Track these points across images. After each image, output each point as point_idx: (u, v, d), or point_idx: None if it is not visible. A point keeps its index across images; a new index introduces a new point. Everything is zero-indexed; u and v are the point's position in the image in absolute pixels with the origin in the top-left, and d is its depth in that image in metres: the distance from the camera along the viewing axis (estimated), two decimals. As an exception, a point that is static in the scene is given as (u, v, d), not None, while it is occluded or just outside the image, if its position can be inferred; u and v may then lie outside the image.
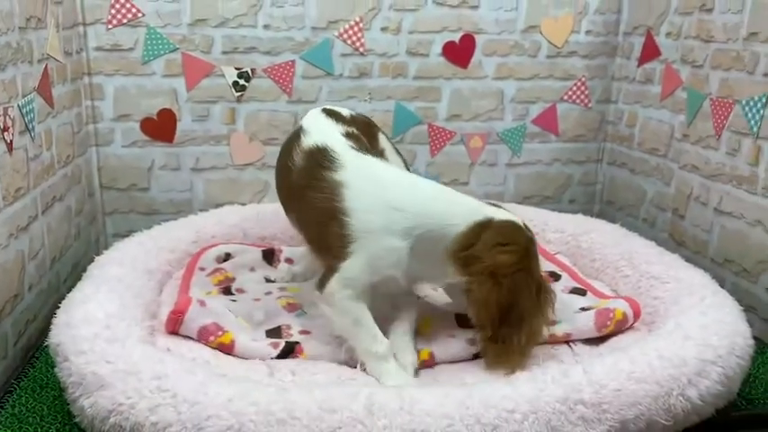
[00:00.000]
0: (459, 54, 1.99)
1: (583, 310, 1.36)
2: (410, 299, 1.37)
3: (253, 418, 0.94)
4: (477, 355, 1.26)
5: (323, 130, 1.39)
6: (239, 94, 1.91)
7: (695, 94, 1.72)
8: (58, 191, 1.60)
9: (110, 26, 1.81)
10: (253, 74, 1.91)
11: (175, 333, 1.26)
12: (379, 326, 1.22)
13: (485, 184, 2.11)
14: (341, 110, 1.51)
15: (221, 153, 1.96)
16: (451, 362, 1.26)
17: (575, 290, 1.52)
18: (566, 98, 2.09)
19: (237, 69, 1.90)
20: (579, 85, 2.08)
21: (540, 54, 2.03)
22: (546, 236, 1.83)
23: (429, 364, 1.25)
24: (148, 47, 1.84)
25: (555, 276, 1.61)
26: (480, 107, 2.05)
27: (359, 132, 1.43)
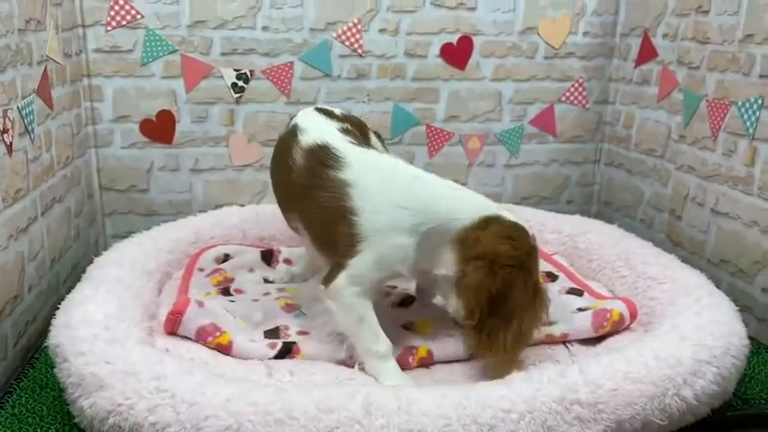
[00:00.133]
0: (457, 55, 2.00)
1: (580, 310, 1.37)
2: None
3: (251, 419, 0.95)
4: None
5: (320, 127, 1.38)
6: (238, 95, 1.92)
7: (692, 95, 1.72)
8: (58, 192, 1.61)
9: (109, 28, 1.82)
10: (251, 75, 1.91)
11: (174, 334, 1.27)
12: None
13: (483, 184, 2.12)
14: (332, 109, 1.51)
15: (220, 154, 1.97)
16: (449, 361, 1.27)
17: (572, 290, 1.52)
18: (563, 99, 2.09)
19: (236, 71, 1.90)
20: (577, 86, 2.08)
21: (538, 55, 2.04)
22: (543, 236, 1.83)
23: (427, 361, 1.26)
24: (147, 48, 1.84)
25: (552, 277, 1.62)
26: (478, 108, 2.05)
27: (353, 128, 1.43)
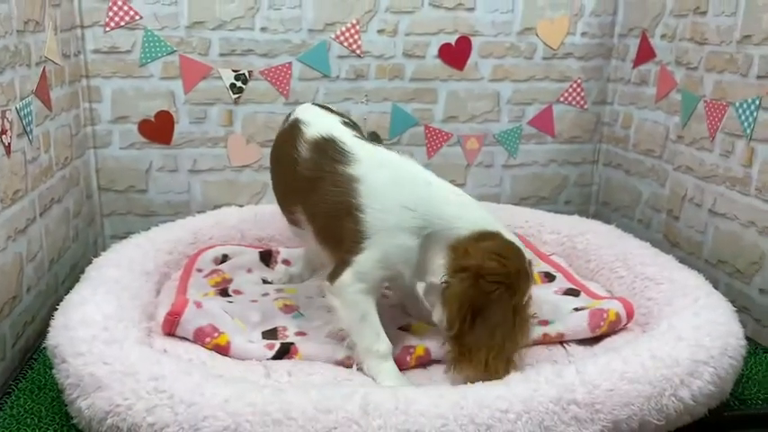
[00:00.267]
0: (456, 56, 2.00)
1: (576, 310, 1.37)
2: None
3: (249, 419, 0.95)
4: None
5: (324, 120, 1.37)
6: (236, 96, 1.92)
7: (689, 96, 1.73)
8: (57, 193, 1.61)
9: (107, 29, 1.82)
10: (250, 76, 1.92)
11: (172, 334, 1.27)
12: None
13: (481, 185, 2.12)
14: (328, 105, 1.50)
15: (219, 155, 1.97)
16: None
17: (568, 291, 1.52)
18: (561, 100, 2.10)
19: (235, 71, 1.90)
20: (575, 86, 2.09)
21: (536, 56, 2.04)
22: (542, 237, 1.84)
23: (425, 360, 1.26)
24: (146, 49, 1.85)
25: (550, 277, 1.62)
26: (476, 109, 2.06)
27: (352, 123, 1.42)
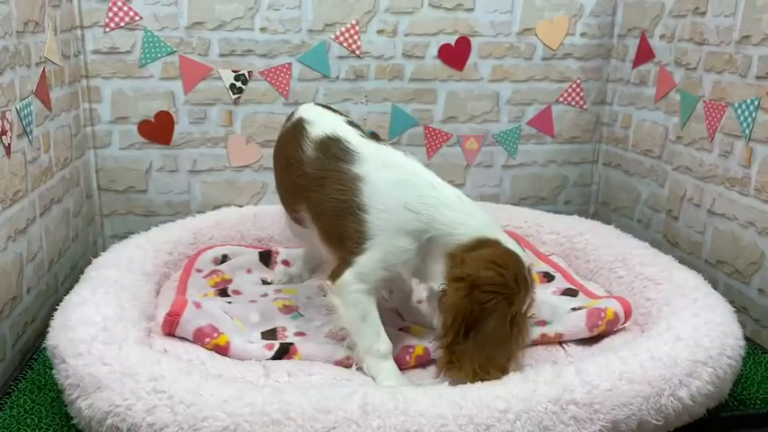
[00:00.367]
0: (455, 56, 2.00)
1: (574, 310, 1.37)
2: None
3: (248, 419, 0.95)
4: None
5: (329, 120, 1.37)
6: (236, 96, 1.92)
7: (688, 96, 1.73)
8: (56, 193, 1.61)
9: (107, 29, 1.82)
10: (249, 76, 1.92)
11: (172, 335, 1.27)
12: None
13: (481, 185, 2.12)
14: (329, 105, 1.51)
15: (218, 155, 1.97)
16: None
17: (566, 291, 1.53)
18: (561, 100, 2.10)
19: (234, 72, 1.91)
20: (574, 86, 2.09)
21: (536, 56, 2.04)
22: (541, 237, 1.84)
23: (424, 359, 1.27)
24: (146, 50, 1.85)
25: (549, 277, 1.62)
26: (476, 109, 2.06)
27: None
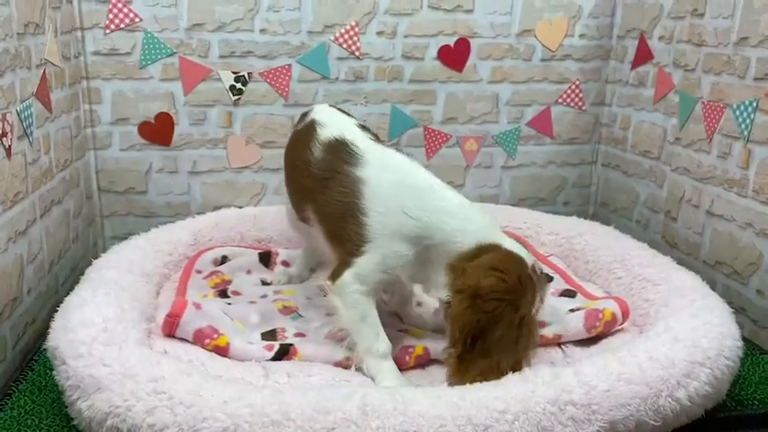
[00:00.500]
0: (455, 58, 2.00)
1: (572, 311, 1.37)
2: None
3: (248, 420, 0.96)
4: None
5: (340, 122, 1.39)
6: (236, 97, 1.93)
7: (687, 97, 1.73)
8: (57, 195, 1.62)
9: (107, 31, 1.83)
10: (249, 78, 1.92)
11: (172, 336, 1.28)
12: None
13: (480, 186, 2.13)
14: (344, 110, 1.54)
15: (218, 156, 1.97)
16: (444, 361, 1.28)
17: (565, 291, 1.53)
18: (560, 101, 2.10)
19: (234, 73, 1.91)
20: (573, 88, 2.09)
21: (535, 57, 2.05)
22: (540, 238, 1.84)
23: (424, 359, 1.27)
24: (146, 51, 1.85)
25: (547, 278, 1.62)
26: (475, 110, 2.06)
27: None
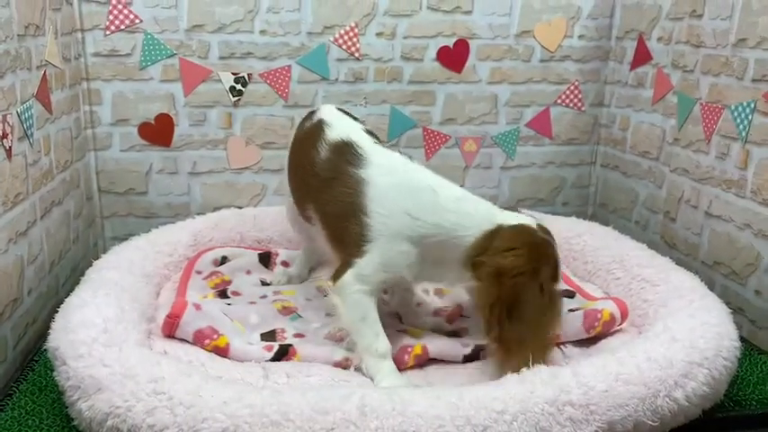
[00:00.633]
0: (454, 59, 2.01)
1: (571, 311, 1.38)
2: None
3: (247, 420, 0.96)
4: (469, 357, 1.29)
5: (347, 124, 1.42)
6: (236, 98, 1.93)
7: (685, 98, 1.74)
8: (57, 195, 1.62)
9: (107, 32, 1.83)
10: (249, 79, 1.93)
11: (172, 336, 1.28)
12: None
13: (479, 186, 2.13)
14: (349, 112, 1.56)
15: (218, 157, 1.98)
16: (443, 361, 1.29)
17: (564, 292, 1.53)
18: (559, 102, 2.11)
19: (234, 74, 1.91)
20: (572, 88, 2.10)
21: (534, 58, 2.05)
22: (539, 238, 1.85)
23: (423, 358, 1.28)
24: (146, 52, 1.86)
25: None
26: (474, 111, 2.07)
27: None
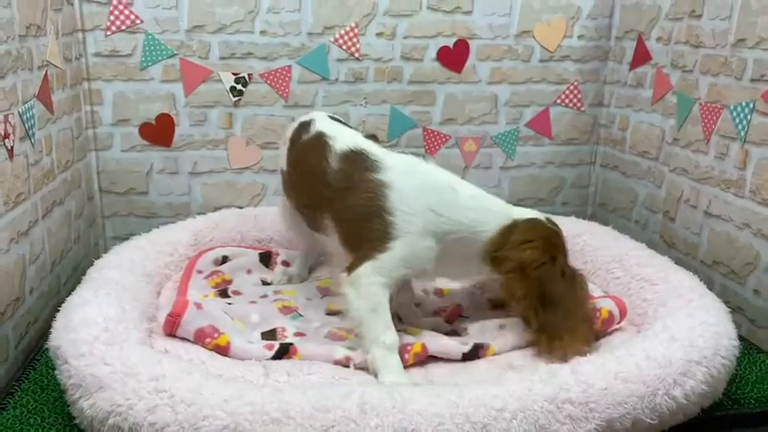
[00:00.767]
0: (454, 59, 2.01)
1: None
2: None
3: (248, 418, 0.96)
4: (467, 356, 1.29)
5: (349, 135, 1.45)
6: (236, 98, 1.94)
7: (685, 98, 1.74)
8: (58, 195, 1.63)
9: (108, 33, 1.84)
10: (250, 79, 1.93)
11: (173, 335, 1.29)
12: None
13: (479, 186, 2.10)
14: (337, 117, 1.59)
15: (219, 157, 1.98)
16: (443, 360, 1.29)
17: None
18: (559, 102, 2.11)
19: (235, 75, 1.92)
20: (572, 88, 2.10)
21: (533, 58, 2.06)
22: (539, 238, 1.85)
23: (422, 356, 1.28)
24: (147, 53, 1.86)
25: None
26: (474, 111, 2.07)
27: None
